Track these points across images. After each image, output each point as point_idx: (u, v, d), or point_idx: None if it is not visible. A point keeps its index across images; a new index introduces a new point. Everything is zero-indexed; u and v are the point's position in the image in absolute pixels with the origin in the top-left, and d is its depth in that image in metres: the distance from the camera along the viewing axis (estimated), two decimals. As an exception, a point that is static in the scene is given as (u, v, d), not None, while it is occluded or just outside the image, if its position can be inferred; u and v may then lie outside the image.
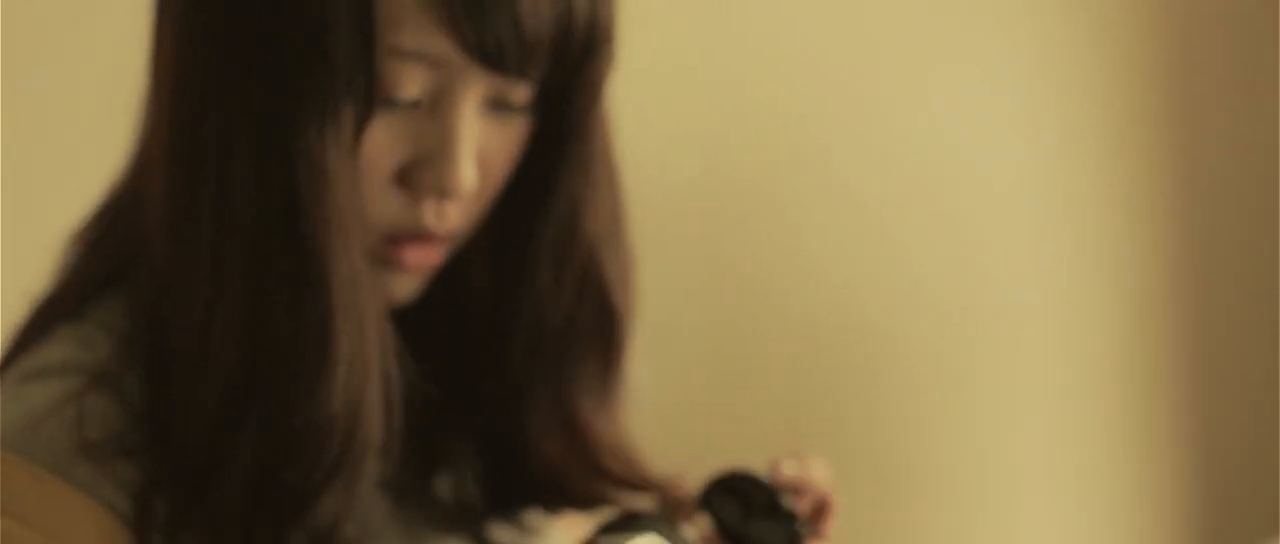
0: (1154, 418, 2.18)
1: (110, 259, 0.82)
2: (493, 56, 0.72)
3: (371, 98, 0.72)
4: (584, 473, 0.87)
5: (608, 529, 0.81)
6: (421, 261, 0.79)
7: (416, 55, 0.73)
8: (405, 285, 0.79)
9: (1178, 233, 2.17)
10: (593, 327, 0.85)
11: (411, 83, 0.74)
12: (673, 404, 1.75)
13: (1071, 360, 2.13)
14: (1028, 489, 2.10)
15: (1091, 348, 2.14)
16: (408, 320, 0.80)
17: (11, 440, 0.74)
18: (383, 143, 0.74)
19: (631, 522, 0.81)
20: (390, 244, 0.77)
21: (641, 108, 1.77)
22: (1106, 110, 2.12)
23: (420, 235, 0.78)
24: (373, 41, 0.71)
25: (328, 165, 0.72)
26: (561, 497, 0.89)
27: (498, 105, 0.77)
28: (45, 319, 0.81)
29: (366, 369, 0.74)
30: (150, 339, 0.77)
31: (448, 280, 0.82)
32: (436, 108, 0.75)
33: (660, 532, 0.80)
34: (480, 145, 0.76)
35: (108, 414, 0.75)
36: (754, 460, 0.92)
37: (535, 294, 0.83)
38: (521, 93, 0.77)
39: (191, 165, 0.74)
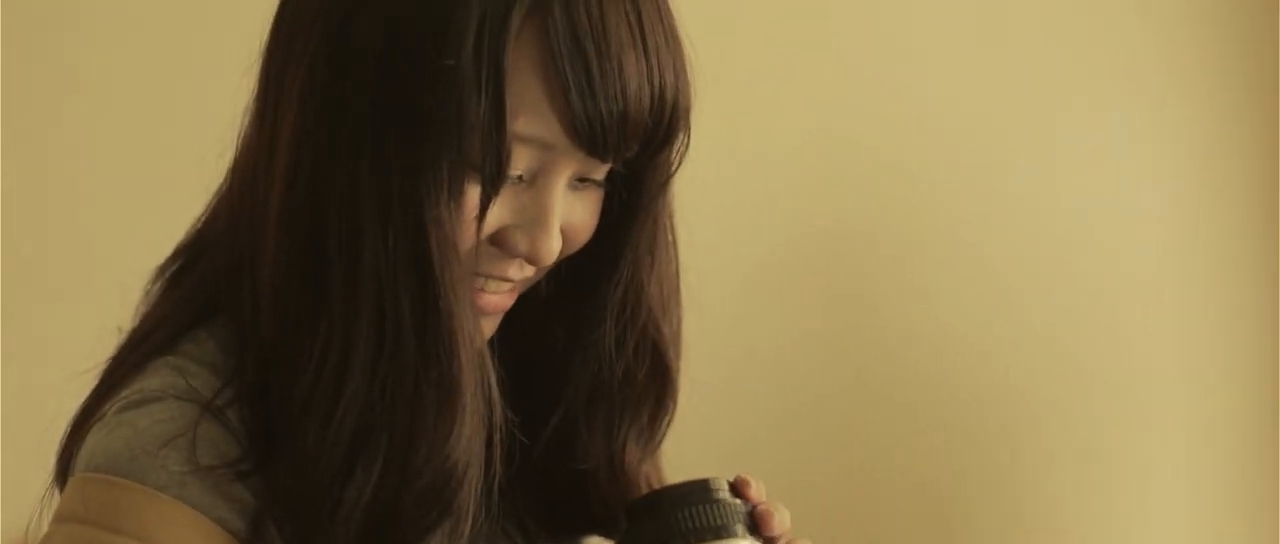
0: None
1: (196, 298, 0.87)
2: (598, 143, 0.79)
3: (500, 178, 0.78)
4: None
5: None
6: (498, 307, 0.85)
7: (530, 139, 0.79)
8: (483, 329, 0.85)
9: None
10: (647, 383, 0.91)
11: (520, 162, 0.80)
12: (804, 464, 1.83)
13: (1210, 426, 2.04)
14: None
15: (1230, 414, 2.05)
16: None
17: (121, 466, 0.78)
18: (488, 211, 0.80)
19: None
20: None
21: (769, 167, 1.83)
22: (1245, 163, 2.03)
23: (497, 283, 0.84)
24: (505, 130, 0.77)
25: (456, 234, 0.78)
26: (609, 528, 0.94)
27: (581, 180, 0.84)
28: (137, 356, 0.85)
29: (481, 416, 0.81)
30: (256, 379, 0.82)
31: (514, 327, 0.89)
32: (534, 182, 0.81)
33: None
34: (565, 216, 0.83)
35: (217, 440, 0.80)
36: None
37: (600, 351, 0.89)
38: (602, 170, 0.84)
39: (315, 229, 0.79)
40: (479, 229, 0.79)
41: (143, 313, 0.88)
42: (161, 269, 0.89)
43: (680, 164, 0.87)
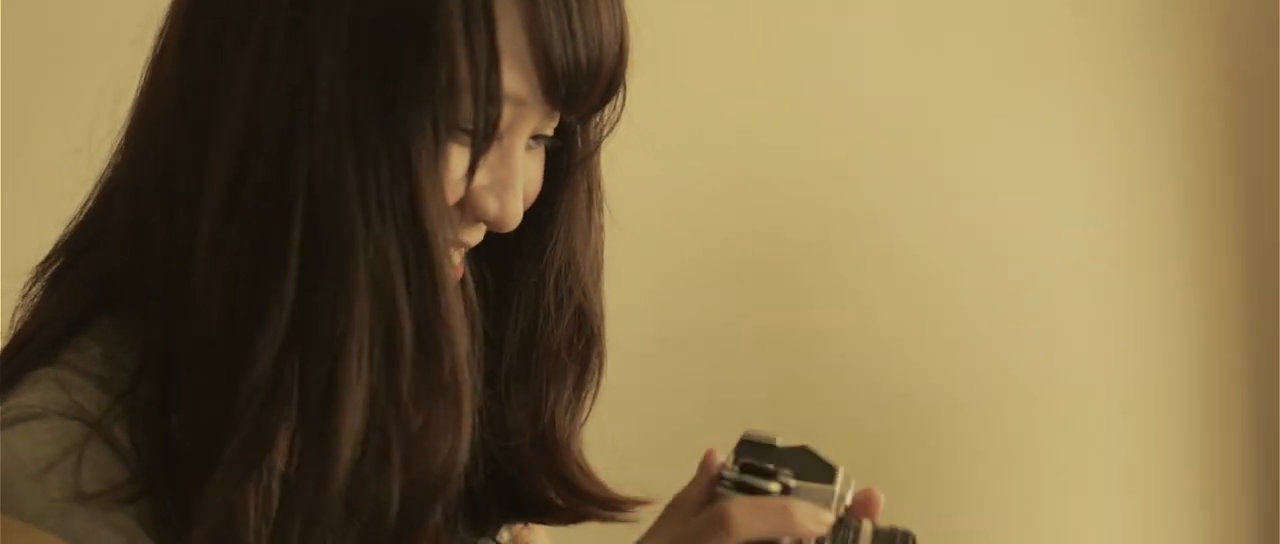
0: (1219, 495, 2.08)
1: (79, 300, 0.79)
2: (571, 95, 0.75)
3: (492, 137, 0.73)
4: (560, 486, 0.89)
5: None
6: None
7: (509, 94, 0.73)
8: None
9: (1243, 298, 2.08)
10: (580, 352, 0.88)
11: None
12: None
13: (1131, 428, 2.04)
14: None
15: (1153, 418, 2.05)
16: None
17: None
18: (461, 175, 0.75)
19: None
20: None
21: (703, 166, 1.81)
22: (1169, 173, 2.04)
23: (454, 255, 0.79)
24: (500, 84, 0.72)
25: (445, 202, 0.73)
26: (539, 507, 0.91)
27: (535, 137, 0.79)
28: (15, 365, 0.77)
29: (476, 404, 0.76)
30: (161, 389, 0.74)
31: None
32: (501, 141, 0.76)
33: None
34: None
35: (103, 463, 0.72)
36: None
37: (535, 317, 0.86)
38: (554, 125, 0.79)
39: (280, 220, 0.70)
40: (467, 191, 0.74)
41: (21, 318, 0.81)
42: (41, 268, 0.81)
43: (618, 120, 0.83)
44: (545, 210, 0.83)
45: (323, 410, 0.70)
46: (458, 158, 0.73)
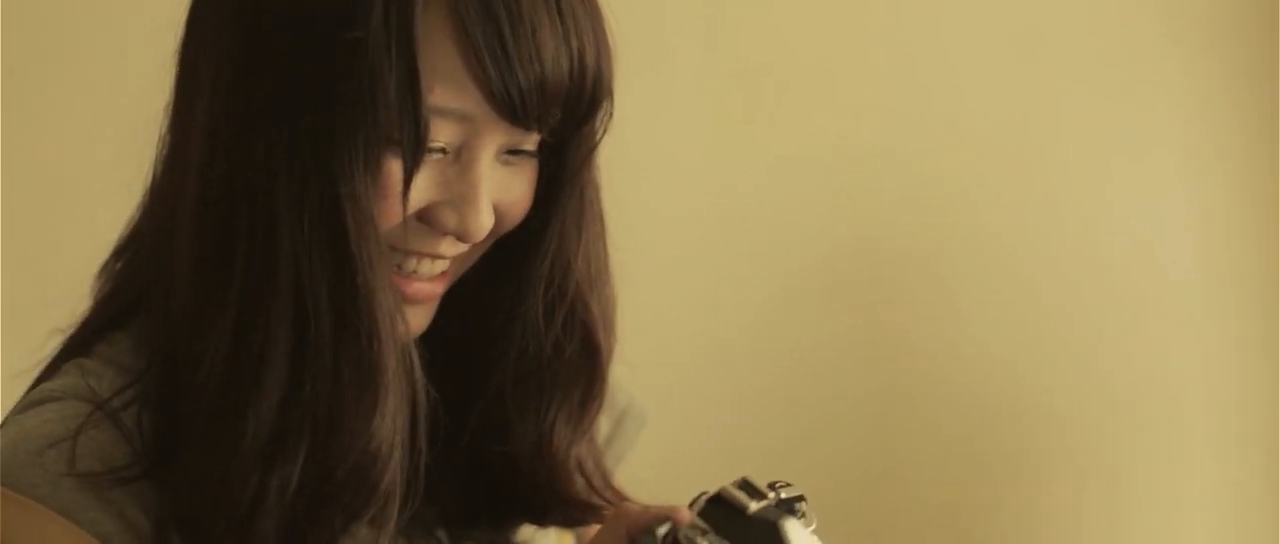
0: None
1: (118, 296, 0.87)
2: (517, 111, 0.79)
3: (419, 151, 0.78)
4: (564, 493, 0.92)
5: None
6: (429, 295, 0.85)
7: (449, 111, 0.78)
8: (416, 318, 0.85)
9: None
10: (576, 361, 0.90)
11: (442, 134, 0.79)
12: (831, 473, 1.81)
13: (1244, 450, 1.98)
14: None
15: (1266, 438, 1.98)
16: None
17: (1, 467, 0.77)
18: (412, 186, 0.79)
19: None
20: (399, 278, 0.83)
21: (804, 177, 1.82)
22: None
23: (430, 265, 0.84)
24: (421, 101, 0.77)
25: (372, 209, 0.77)
26: (545, 514, 0.94)
27: (511, 152, 0.83)
28: (58, 357, 0.86)
29: (404, 396, 0.80)
30: (164, 377, 0.81)
31: (445, 309, 0.87)
32: (459, 156, 0.81)
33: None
34: (498, 190, 0.83)
35: (104, 443, 0.79)
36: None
37: (526, 328, 0.88)
38: (531, 140, 0.83)
39: (230, 213, 0.78)
40: (404, 205, 0.78)
41: (82, 315, 0.88)
42: (103, 268, 0.89)
43: (604, 134, 0.86)
44: (537, 223, 0.87)
45: (243, 393, 0.76)
46: (397, 171, 0.78)
